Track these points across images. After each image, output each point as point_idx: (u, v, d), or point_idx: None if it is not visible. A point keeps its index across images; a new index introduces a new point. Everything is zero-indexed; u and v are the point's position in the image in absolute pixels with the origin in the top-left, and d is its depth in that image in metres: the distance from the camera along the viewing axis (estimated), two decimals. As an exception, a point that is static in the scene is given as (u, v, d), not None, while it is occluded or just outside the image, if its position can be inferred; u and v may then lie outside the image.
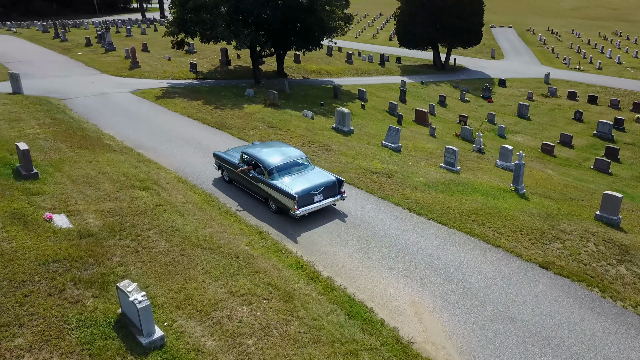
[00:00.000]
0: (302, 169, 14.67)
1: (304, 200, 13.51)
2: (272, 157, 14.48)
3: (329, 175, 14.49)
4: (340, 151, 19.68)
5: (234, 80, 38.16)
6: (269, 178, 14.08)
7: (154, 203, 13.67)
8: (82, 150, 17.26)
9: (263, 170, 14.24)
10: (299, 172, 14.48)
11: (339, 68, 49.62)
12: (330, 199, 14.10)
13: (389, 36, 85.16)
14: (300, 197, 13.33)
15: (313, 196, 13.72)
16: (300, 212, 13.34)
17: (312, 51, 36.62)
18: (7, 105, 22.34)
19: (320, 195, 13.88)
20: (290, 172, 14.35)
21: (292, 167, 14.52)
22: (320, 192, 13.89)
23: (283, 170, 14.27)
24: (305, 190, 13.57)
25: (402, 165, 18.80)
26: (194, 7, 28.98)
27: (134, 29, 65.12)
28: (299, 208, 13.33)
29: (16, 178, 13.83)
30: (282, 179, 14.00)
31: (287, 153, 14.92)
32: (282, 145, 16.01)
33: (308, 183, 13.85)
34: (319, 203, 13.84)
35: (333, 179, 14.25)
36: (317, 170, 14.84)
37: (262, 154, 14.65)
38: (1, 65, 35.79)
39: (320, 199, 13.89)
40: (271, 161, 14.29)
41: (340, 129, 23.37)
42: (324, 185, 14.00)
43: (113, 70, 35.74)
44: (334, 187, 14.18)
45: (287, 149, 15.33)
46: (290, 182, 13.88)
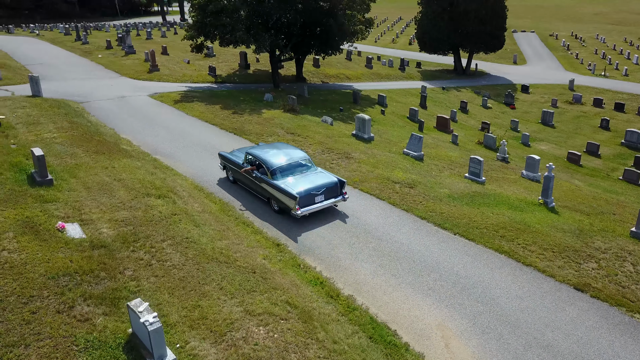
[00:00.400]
0: (305, 169, 14.73)
1: (305, 201, 13.60)
2: (275, 158, 14.63)
3: (331, 176, 14.54)
4: (360, 159, 19.11)
5: (253, 84, 37.86)
6: (272, 178, 14.20)
7: (169, 212, 13.26)
8: (98, 155, 16.98)
9: (266, 170, 14.39)
10: (301, 172, 14.56)
11: (358, 72, 49.05)
12: (332, 199, 14.19)
13: (408, 40, 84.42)
14: (301, 198, 13.43)
15: (314, 197, 13.81)
16: (301, 212, 13.42)
17: (331, 55, 36.13)
18: (26, 108, 22.25)
19: (321, 196, 13.95)
20: (293, 173, 14.44)
21: (295, 167, 14.61)
22: (322, 192, 13.97)
23: (286, 170, 14.38)
24: (306, 191, 13.67)
25: (425, 175, 18.15)
26: (214, 11, 28.71)
27: (154, 32, 65.46)
28: (300, 208, 13.43)
29: (30, 184, 13.55)
30: (284, 180, 14.12)
31: (290, 154, 15.01)
32: (286, 146, 16.03)
33: (310, 184, 13.95)
34: (320, 204, 13.91)
35: (335, 180, 14.32)
36: (319, 171, 14.90)
37: (266, 155, 14.82)
38: (23, 68, 36.00)
39: (322, 200, 13.97)
40: (274, 161, 14.44)
41: (360, 136, 22.80)
42: (326, 186, 14.07)
43: (132, 73, 35.70)
44: (336, 188, 14.27)
45: (291, 150, 15.40)
46: (292, 182, 14.00)
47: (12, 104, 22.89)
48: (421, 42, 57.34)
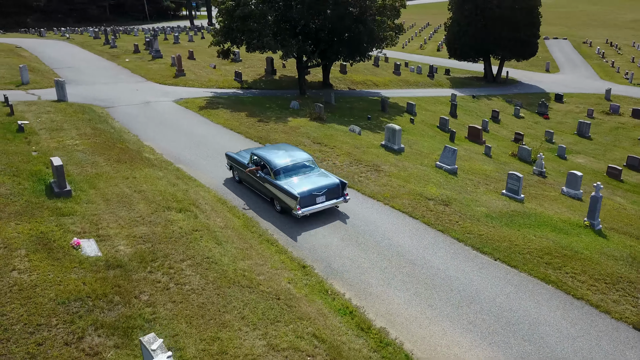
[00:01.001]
0: (308, 170, 14.93)
1: (307, 201, 13.79)
2: (279, 159, 14.86)
3: (333, 177, 14.70)
4: (391, 172, 18.17)
5: (279, 90, 37.24)
6: (275, 178, 14.43)
7: (190, 228, 12.57)
8: (120, 164, 16.44)
9: (269, 170, 14.61)
10: (304, 173, 14.77)
11: (386, 79, 48.07)
12: (334, 200, 14.34)
13: (437, 47, 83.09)
14: (302, 198, 13.62)
15: (316, 197, 13.98)
16: (302, 212, 13.63)
17: (359, 62, 35.26)
18: (50, 113, 21.97)
19: (323, 197, 14.13)
20: (296, 174, 14.65)
21: (298, 168, 14.81)
22: (323, 193, 14.13)
23: (289, 171, 14.59)
24: (308, 191, 13.85)
25: (459, 191, 17.10)
26: (241, 16, 28.17)
27: (181, 36, 65.67)
28: (300, 208, 13.64)
29: (48, 195, 13.03)
30: (286, 180, 14.34)
31: (294, 155, 15.26)
32: (290, 147, 16.29)
33: (311, 184, 14.14)
34: (321, 204, 14.11)
35: (337, 181, 14.49)
36: (322, 172, 15.12)
37: (270, 155, 15.06)
38: (51, 71, 36.12)
39: (323, 200, 14.15)
40: (278, 162, 14.68)
41: (390, 147, 21.85)
42: (327, 187, 14.22)
43: (158, 78, 35.45)
44: (337, 190, 14.41)
45: (295, 152, 15.64)
46: (294, 182, 14.21)
47: (36, 109, 22.66)
48: (451, 49, 56.01)
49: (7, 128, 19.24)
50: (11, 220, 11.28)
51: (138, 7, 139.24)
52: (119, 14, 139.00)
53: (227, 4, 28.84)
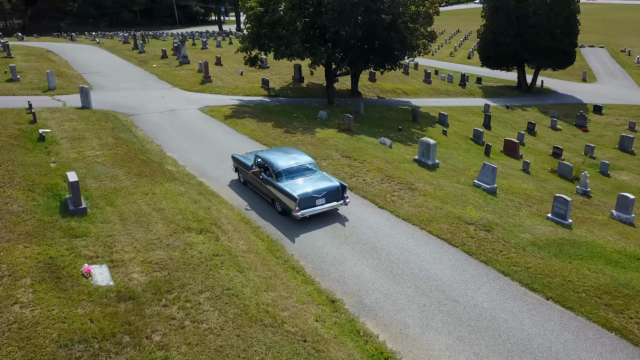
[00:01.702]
0: (310, 173, 15.10)
1: (306, 203, 13.93)
2: (281, 161, 15.07)
3: (334, 180, 14.86)
4: (426, 191, 16.95)
5: (306, 98, 36.34)
6: (276, 180, 14.63)
7: (210, 252, 11.62)
8: (140, 178, 15.66)
9: (272, 172, 14.81)
10: (305, 176, 14.93)
11: (416, 88, 46.74)
12: (334, 203, 14.47)
13: (467, 54, 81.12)
14: (301, 199, 13.75)
15: (315, 199, 14.12)
16: (301, 214, 13.76)
17: (390, 71, 34.08)
18: (73, 121, 21.45)
19: (323, 199, 14.27)
20: (297, 176, 14.82)
21: (300, 171, 15.00)
22: (323, 196, 14.26)
23: (290, 173, 14.78)
24: (307, 193, 14.00)
25: (501, 214, 15.78)
26: (269, 23, 27.36)
27: (209, 42, 65.55)
28: (300, 210, 13.76)
29: (62, 213, 12.27)
30: (287, 182, 14.50)
31: (296, 158, 15.48)
32: (294, 150, 16.49)
33: (312, 187, 14.29)
34: (321, 206, 14.24)
35: (337, 184, 14.64)
36: (323, 175, 15.26)
37: (273, 158, 15.26)
38: (79, 77, 36.00)
39: (323, 203, 14.30)
40: (280, 164, 14.88)
41: (423, 162, 20.62)
42: (327, 189, 14.36)
43: (185, 84, 34.95)
44: (337, 192, 14.54)
45: (297, 155, 15.85)
46: (295, 184, 14.36)
47: (60, 116, 22.20)
48: (484, 57, 54.27)
49: (28, 137, 18.73)
50: (20, 242, 10.51)
51: (168, 12, 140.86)
52: (150, 18, 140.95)
53: (256, 10, 28.08)
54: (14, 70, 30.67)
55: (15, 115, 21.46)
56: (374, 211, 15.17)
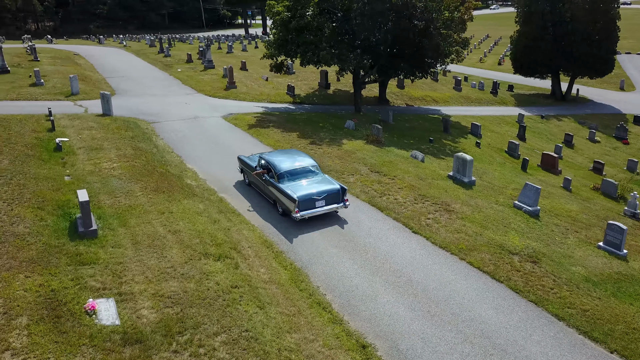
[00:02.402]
0: (312, 175, 15.24)
1: (306, 205, 14.02)
2: (283, 163, 15.23)
3: (335, 183, 14.99)
4: (463, 213, 15.59)
5: (333, 106, 35.20)
6: (278, 181, 14.78)
7: (228, 284, 10.54)
8: (157, 194, 14.72)
9: (274, 174, 14.97)
10: (307, 178, 15.07)
11: (445, 95, 45.17)
12: (333, 205, 14.58)
13: (497, 60, 78.93)
14: (301, 201, 13.85)
15: (315, 201, 14.23)
16: (300, 215, 13.89)
17: (421, 79, 32.71)
18: (92, 129, 20.74)
19: (322, 201, 14.36)
20: (299, 178, 14.96)
21: (301, 173, 15.14)
22: (323, 198, 14.36)
23: (292, 175, 14.92)
24: (307, 195, 14.09)
25: (547, 242, 14.33)
26: (296, 28, 26.33)
27: (235, 45, 65.08)
28: (299, 211, 13.86)
29: (71, 235, 11.36)
30: (288, 183, 14.64)
31: (298, 160, 15.64)
32: (297, 153, 16.74)
33: (312, 189, 14.41)
34: (320, 208, 14.34)
35: (337, 187, 14.74)
36: (325, 178, 15.37)
37: (275, 160, 15.43)
38: (103, 81, 35.61)
39: (323, 205, 14.39)
40: (282, 166, 15.04)
41: (459, 179, 19.24)
42: (328, 192, 14.47)
43: (209, 90, 34.19)
44: (337, 195, 14.63)
45: (300, 157, 16.03)
46: (295, 186, 14.47)
47: (79, 123, 21.53)
48: (517, 64, 52.27)
49: (45, 146, 18.03)
50: (21, 271, 9.60)
51: (195, 16, 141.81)
52: (178, 21, 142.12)
53: (283, 15, 27.10)
54: (38, 74, 30.32)
55: (34, 123, 20.86)
56: (407, 236, 13.90)
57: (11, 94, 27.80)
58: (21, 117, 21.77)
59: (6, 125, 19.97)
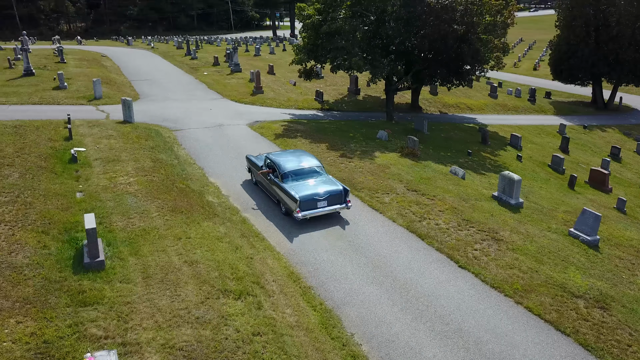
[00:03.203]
0: (316, 176, 15.23)
1: (308, 205, 14.02)
2: (288, 163, 15.26)
3: (338, 184, 14.93)
4: (514, 244, 13.85)
5: (363, 112, 33.64)
6: (282, 181, 14.80)
7: (249, 330, 9.11)
8: (175, 215, 13.42)
9: (278, 173, 14.99)
10: (310, 178, 15.06)
11: (480, 102, 43.11)
12: (336, 206, 14.55)
13: (532, 65, 76.07)
14: (302, 201, 13.88)
15: (317, 202, 14.20)
16: (302, 215, 13.90)
17: (458, 87, 30.88)
18: (111, 138, 19.65)
19: (324, 202, 14.32)
20: (302, 178, 14.96)
21: (305, 173, 15.13)
22: (325, 199, 14.31)
23: (296, 175, 14.94)
24: (309, 195, 14.09)
25: (613, 280, 12.48)
26: (327, 32, 24.86)
27: (263, 48, 64.10)
28: (300, 211, 13.88)
29: (75, 267, 10.10)
30: (292, 183, 14.65)
31: (304, 161, 15.62)
32: (303, 153, 16.66)
33: (314, 189, 14.40)
34: (322, 209, 14.31)
35: (340, 188, 14.70)
36: (329, 179, 15.30)
37: (281, 160, 15.46)
38: (128, 84, 34.82)
39: (325, 206, 14.36)
40: (286, 166, 15.08)
41: (505, 201, 17.45)
42: (330, 193, 14.44)
43: (235, 95, 33.03)
44: (340, 196, 14.58)
45: (305, 157, 15.98)
46: (298, 186, 14.49)
47: (99, 131, 20.49)
48: (556, 70, 49.72)
49: (59, 157, 16.97)
50: (13, 315, 8.35)
51: (224, 17, 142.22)
52: (206, 23, 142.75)
53: (314, 19, 25.68)
54: (62, 77, 29.61)
55: (51, 130, 19.90)
56: (453, 272, 12.24)
57: (34, 97, 27.11)
58: (40, 123, 20.87)
59: (22, 133, 19.04)
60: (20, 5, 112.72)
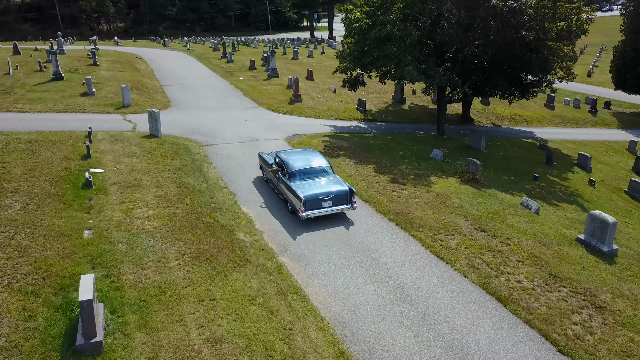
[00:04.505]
0: (323, 175, 15.18)
1: (312, 204, 13.96)
2: (296, 162, 15.19)
3: (344, 185, 14.83)
4: (621, 313, 10.85)
5: (409, 124, 30.77)
6: (289, 180, 14.75)
7: None
8: (199, 263, 11.02)
9: (286, 172, 14.94)
10: (318, 178, 15.00)
11: (537, 114, 39.51)
12: (341, 206, 14.47)
13: (586, 71, 71.22)
14: (307, 201, 13.81)
15: (322, 202, 14.14)
16: (306, 215, 13.82)
17: (521, 100, 27.66)
18: (133, 157, 17.49)
19: (330, 202, 14.26)
20: (309, 178, 14.90)
21: (313, 173, 15.09)
22: (330, 199, 14.24)
23: (303, 174, 14.89)
24: (314, 195, 14.02)
25: None
26: (377, 38, 22.13)
27: (300, 50, 61.80)
28: (305, 210, 13.80)
29: (63, 353, 7.75)
30: (299, 182, 14.60)
31: (312, 160, 15.56)
32: (312, 153, 16.52)
33: (320, 189, 14.34)
34: (327, 209, 14.26)
35: (346, 188, 14.59)
36: (337, 179, 15.21)
37: (289, 159, 15.39)
38: (159, 90, 32.96)
39: (330, 205, 14.31)
40: (294, 165, 15.02)
41: (595, 247, 14.37)
42: (336, 193, 14.36)
43: (271, 104, 30.68)
44: (345, 197, 14.51)
45: (313, 157, 15.91)
46: (304, 185, 14.44)
47: (121, 148, 18.38)
48: (619, 79, 45.59)
49: (72, 180, 14.84)
50: None
51: (262, 18, 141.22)
52: (244, 24, 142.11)
53: (362, 23, 22.98)
54: (90, 83, 27.90)
55: (69, 146, 17.89)
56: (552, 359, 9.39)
57: (59, 104, 25.41)
58: (58, 137, 18.93)
59: (36, 149, 17.09)
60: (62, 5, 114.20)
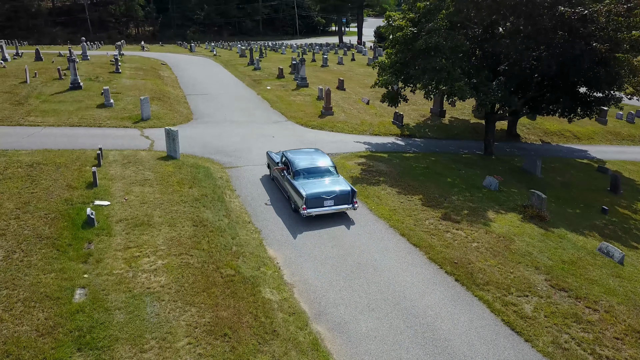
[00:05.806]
0: (327, 175, 15.41)
1: (314, 203, 14.14)
2: (301, 161, 15.49)
3: (347, 185, 14.98)
4: None
5: (451, 141, 28.08)
6: (293, 178, 15.03)
7: None
8: (214, 341, 8.64)
9: (290, 170, 15.26)
10: (321, 177, 15.26)
11: (588, 130, 36.19)
12: (342, 206, 14.61)
13: (633, 81, 66.57)
14: (309, 199, 14.01)
15: (324, 200, 14.28)
16: (307, 212, 14.01)
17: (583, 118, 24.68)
18: (146, 185, 15.27)
19: (331, 201, 14.39)
20: (313, 177, 15.15)
21: (317, 172, 15.32)
22: (332, 198, 14.38)
23: (307, 173, 15.15)
24: (316, 194, 14.22)
25: None
26: (424, 48, 19.51)
27: (330, 57, 59.47)
28: (306, 208, 13.99)
29: None
30: (302, 181, 14.84)
31: (317, 159, 15.86)
32: (318, 153, 16.55)
33: (322, 188, 14.55)
34: (328, 208, 14.38)
35: (348, 188, 14.75)
36: (340, 178, 15.46)
37: (295, 158, 15.69)
38: (182, 100, 30.97)
39: (331, 205, 14.43)
40: (299, 164, 15.34)
41: None
42: (338, 193, 14.51)
43: (301, 117, 28.36)
44: (347, 197, 14.63)
45: (318, 157, 16.14)
46: (307, 184, 14.67)
47: (133, 173, 16.19)
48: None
49: (72, 217, 12.66)
50: None
51: (289, 22, 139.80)
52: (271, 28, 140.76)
53: (406, 32, 20.40)
54: (108, 94, 26.00)
55: (75, 170, 15.80)
56: None
57: (73, 117, 23.55)
58: (65, 158, 16.89)
59: (36, 175, 15.03)
60: (91, 9, 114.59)
